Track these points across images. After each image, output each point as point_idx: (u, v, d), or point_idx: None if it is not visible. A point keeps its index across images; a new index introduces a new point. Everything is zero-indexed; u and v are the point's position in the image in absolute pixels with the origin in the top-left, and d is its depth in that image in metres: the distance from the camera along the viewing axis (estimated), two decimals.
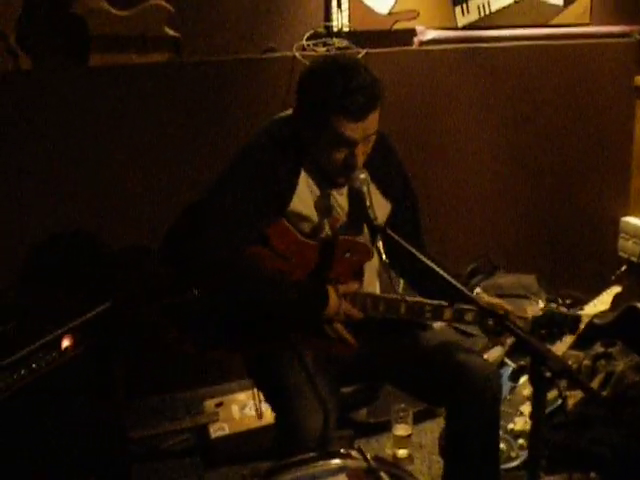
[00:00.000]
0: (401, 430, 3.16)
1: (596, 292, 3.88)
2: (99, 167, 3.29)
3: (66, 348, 2.58)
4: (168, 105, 3.35)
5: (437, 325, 2.75)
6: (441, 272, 1.97)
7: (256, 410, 2.91)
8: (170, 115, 3.36)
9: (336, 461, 1.92)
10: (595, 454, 2.66)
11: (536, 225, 4.14)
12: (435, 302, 2.32)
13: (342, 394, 2.54)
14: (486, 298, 2.39)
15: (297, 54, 3.46)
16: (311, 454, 1.93)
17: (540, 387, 1.69)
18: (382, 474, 1.87)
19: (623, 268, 4.07)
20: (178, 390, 3.59)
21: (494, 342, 2.85)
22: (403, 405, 3.14)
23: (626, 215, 4.26)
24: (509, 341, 3.19)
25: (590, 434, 2.88)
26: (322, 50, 3.53)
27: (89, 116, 3.24)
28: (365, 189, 2.17)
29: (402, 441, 3.16)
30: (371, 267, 2.45)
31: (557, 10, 3.96)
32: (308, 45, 3.55)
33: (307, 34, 3.57)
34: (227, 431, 3.16)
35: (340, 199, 2.36)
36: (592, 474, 2.17)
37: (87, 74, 3.23)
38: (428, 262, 2.00)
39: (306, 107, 2.19)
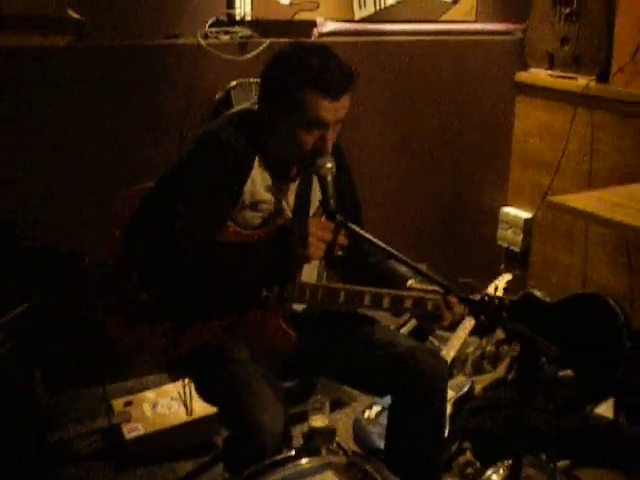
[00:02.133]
0: (318, 421, 3.16)
1: (484, 280, 4.05)
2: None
3: None
4: (69, 90, 3.18)
5: None
6: (405, 259, 1.99)
7: (180, 406, 2.82)
8: (71, 100, 3.19)
9: (319, 458, 1.91)
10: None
11: (426, 216, 4.25)
12: (374, 290, 2.28)
13: None
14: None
15: (201, 41, 3.38)
16: (291, 452, 1.91)
17: (530, 372, 1.74)
18: (367, 467, 1.88)
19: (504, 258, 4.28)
20: (73, 389, 3.43)
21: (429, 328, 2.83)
22: (320, 396, 3.15)
23: (505, 206, 4.45)
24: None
25: (506, 417, 3.01)
26: (225, 38, 3.47)
27: None
28: (330, 179, 2.14)
29: None
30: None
31: (446, 7, 4.06)
32: (211, 32, 3.47)
33: (209, 21, 3.49)
34: (142, 431, 3.05)
35: (289, 194, 2.34)
36: (542, 455, 2.26)
37: None
38: (392, 250, 2.02)
39: (277, 89, 2.15)
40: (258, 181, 2.25)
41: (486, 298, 2.31)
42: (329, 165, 2.15)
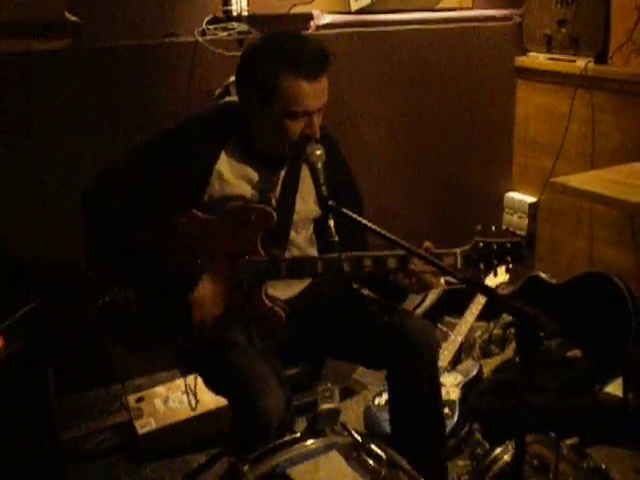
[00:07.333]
0: (325, 406, 3.17)
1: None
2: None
3: None
4: (70, 92, 3.21)
5: None
6: (404, 244, 1.95)
7: (190, 400, 2.85)
8: (72, 102, 3.22)
9: (324, 439, 1.93)
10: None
11: (431, 203, 4.26)
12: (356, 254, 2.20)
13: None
14: None
15: (199, 38, 3.40)
16: (296, 434, 1.93)
17: (530, 349, 1.74)
18: (372, 446, 1.90)
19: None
20: (85, 389, 3.47)
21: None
22: (329, 384, 3.16)
23: (510, 191, 4.46)
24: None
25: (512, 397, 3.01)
26: (223, 35, 3.49)
27: None
28: (320, 166, 2.15)
29: None
30: (304, 239, 2.47)
31: None
32: (209, 29, 3.49)
33: (206, 18, 3.52)
34: (154, 426, 3.08)
35: (277, 184, 2.34)
36: (550, 433, 2.27)
37: None
38: (390, 235, 1.95)
39: (255, 81, 2.16)
40: (229, 174, 2.27)
41: (481, 245, 2.18)
42: (318, 152, 2.16)
